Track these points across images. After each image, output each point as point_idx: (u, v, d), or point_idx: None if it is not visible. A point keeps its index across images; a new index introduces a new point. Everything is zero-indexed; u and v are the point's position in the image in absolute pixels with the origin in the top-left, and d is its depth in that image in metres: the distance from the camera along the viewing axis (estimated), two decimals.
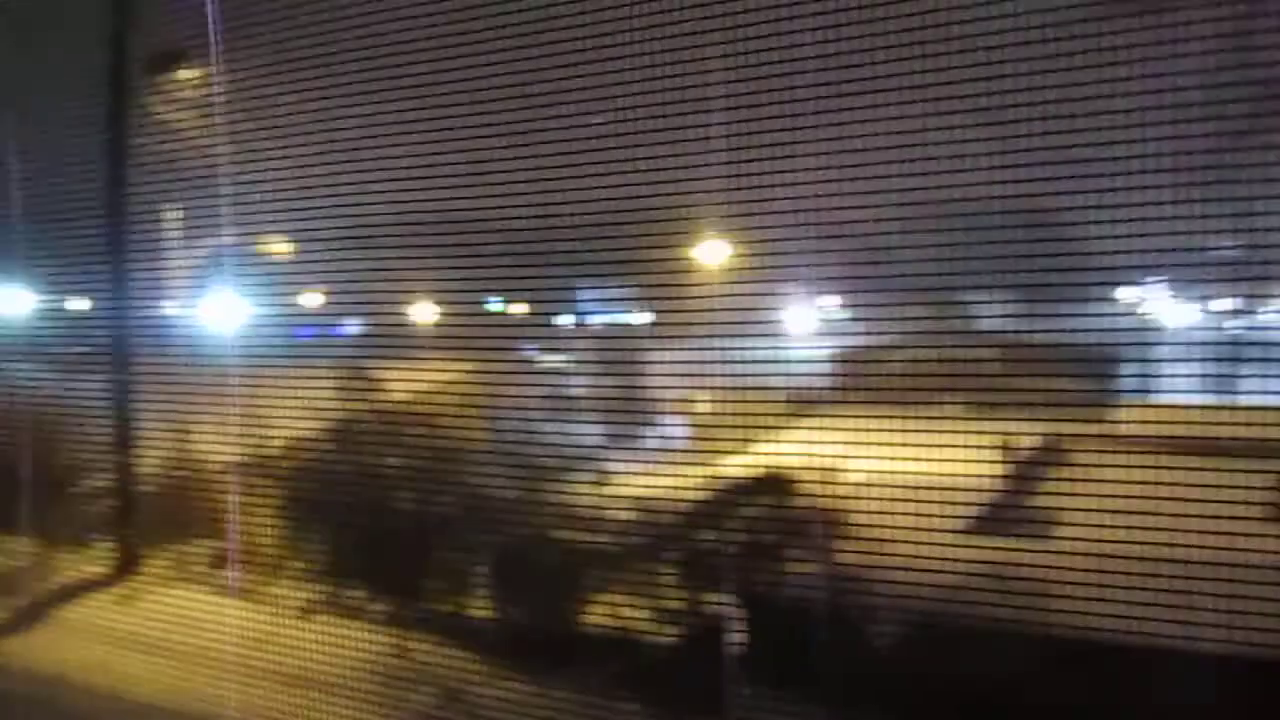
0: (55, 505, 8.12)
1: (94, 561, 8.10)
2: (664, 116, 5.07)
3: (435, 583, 7.48)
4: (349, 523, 7.20)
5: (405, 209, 5.88)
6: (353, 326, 7.33)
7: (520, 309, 6.74)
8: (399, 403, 6.93)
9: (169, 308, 7.54)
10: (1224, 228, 3.86)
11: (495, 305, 6.66)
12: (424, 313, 6.94)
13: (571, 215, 5.55)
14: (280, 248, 6.86)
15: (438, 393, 6.60)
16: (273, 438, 6.92)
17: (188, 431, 7.49)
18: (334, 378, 6.77)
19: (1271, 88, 3.73)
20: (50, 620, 7.79)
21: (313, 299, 6.90)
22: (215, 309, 7.13)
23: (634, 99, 5.13)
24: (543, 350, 7.00)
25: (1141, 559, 4.20)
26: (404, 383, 6.85)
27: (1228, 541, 4.10)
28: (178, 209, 7.06)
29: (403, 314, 6.99)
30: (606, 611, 6.37)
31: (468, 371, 6.42)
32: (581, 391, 6.71)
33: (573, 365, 6.78)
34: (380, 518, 6.92)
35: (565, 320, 6.94)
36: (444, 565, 7.43)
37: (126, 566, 7.95)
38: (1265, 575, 4.04)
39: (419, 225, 5.90)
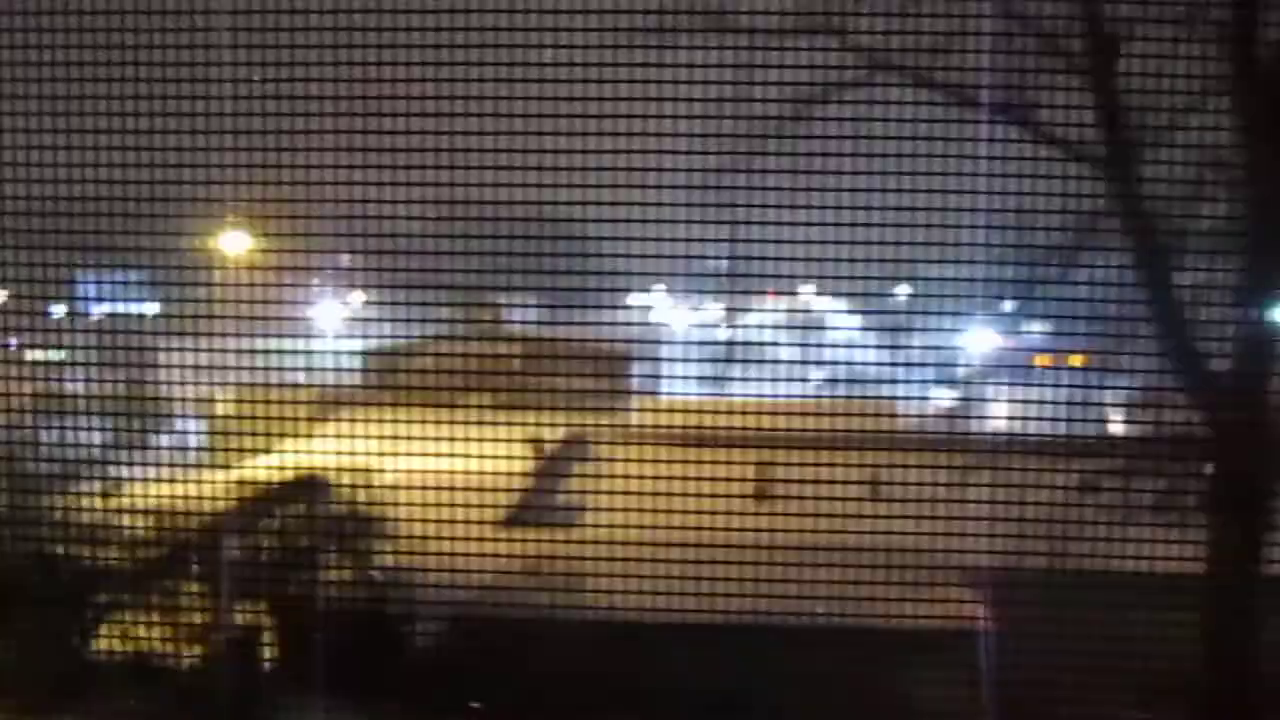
0: None
1: None
2: (185, 98, 4.64)
3: None
4: None
5: None
6: None
7: (1, 295, 5.85)
8: None
9: None
10: (720, 242, 4.29)
11: None
12: None
13: (69, 195, 4.93)
14: None
15: None
16: None
17: None
18: None
19: (767, 121, 4.20)
20: None
21: None
22: None
23: (149, 70, 4.65)
24: (33, 343, 6.13)
25: (652, 543, 4.56)
26: None
27: (723, 521, 4.56)
28: None
29: None
30: (122, 635, 5.76)
31: None
32: (83, 390, 5.96)
33: (72, 360, 6.00)
34: None
35: (60, 309, 6.12)
36: None
37: None
38: (755, 552, 4.57)
39: None
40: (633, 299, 4.71)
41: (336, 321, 5.51)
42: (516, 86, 4.30)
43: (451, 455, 4.77)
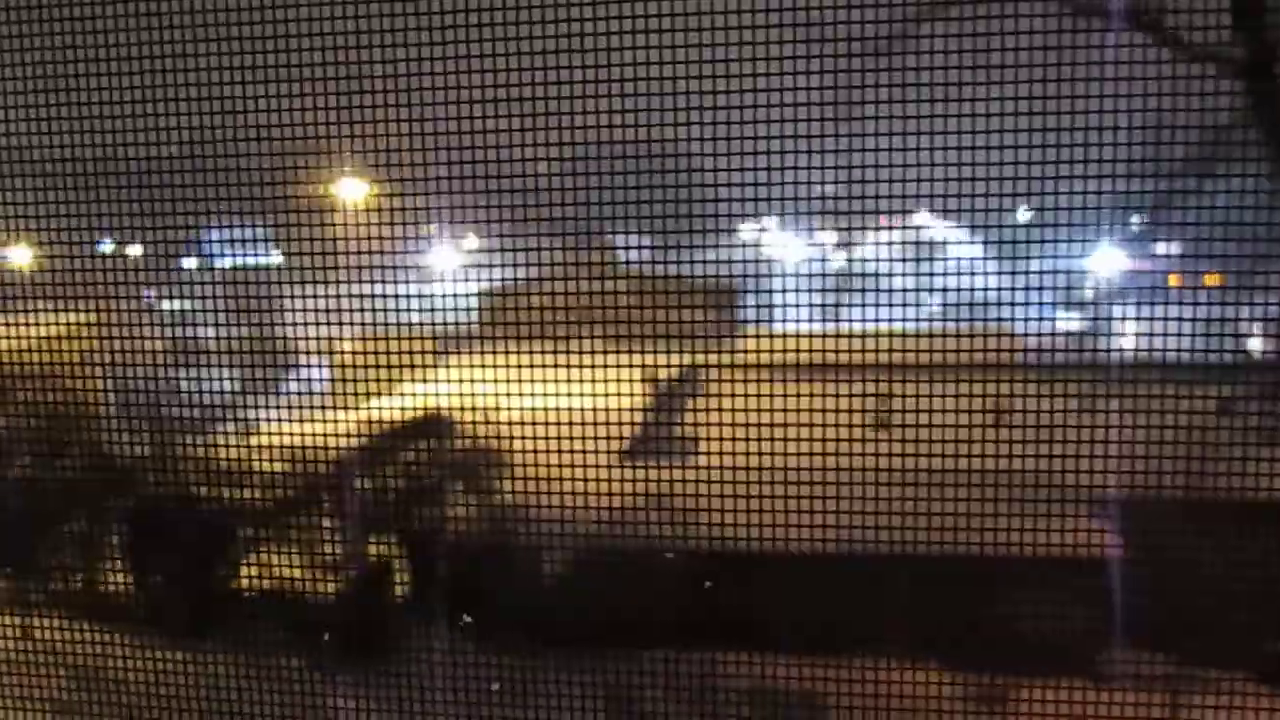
0: None
1: None
2: (289, 50, 4.71)
3: (59, 555, 6.77)
4: None
5: None
6: None
7: (137, 251, 6.11)
8: None
9: None
10: (828, 173, 4.21)
11: (107, 247, 6.01)
12: (19, 255, 6.12)
13: (196, 150, 5.10)
14: None
15: (45, 345, 5.88)
16: None
17: None
18: None
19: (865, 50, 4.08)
20: None
21: None
22: None
23: (260, 26, 4.73)
24: (167, 295, 6.41)
25: (769, 469, 4.56)
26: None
27: (843, 450, 4.53)
28: None
29: None
30: (261, 569, 6.06)
31: (79, 322, 5.76)
32: (215, 338, 6.23)
33: (203, 310, 6.26)
34: None
35: (191, 262, 6.37)
36: (69, 535, 6.73)
37: None
38: (876, 476, 4.53)
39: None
40: (744, 231, 4.68)
41: (452, 264, 5.62)
42: (624, 21, 4.25)
43: (569, 394, 4.84)
